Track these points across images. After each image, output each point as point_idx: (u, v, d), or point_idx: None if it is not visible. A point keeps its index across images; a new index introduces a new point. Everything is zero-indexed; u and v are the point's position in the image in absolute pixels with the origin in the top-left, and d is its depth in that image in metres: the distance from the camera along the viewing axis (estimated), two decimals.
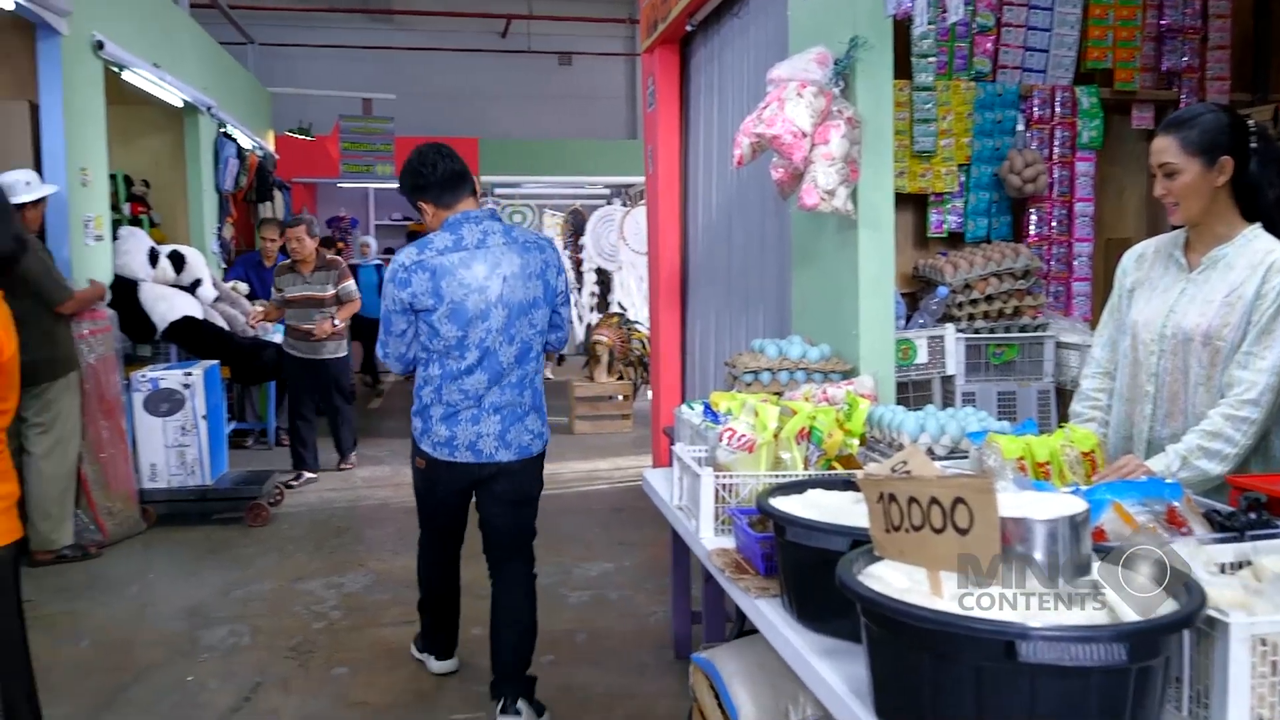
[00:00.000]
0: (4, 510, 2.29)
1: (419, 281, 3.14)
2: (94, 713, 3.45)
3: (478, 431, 3.25)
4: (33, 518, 5.09)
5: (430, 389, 3.26)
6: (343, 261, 6.91)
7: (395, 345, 3.28)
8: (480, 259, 3.17)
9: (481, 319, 3.16)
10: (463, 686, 3.65)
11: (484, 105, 15.60)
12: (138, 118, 8.49)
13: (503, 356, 3.22)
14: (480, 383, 3.22)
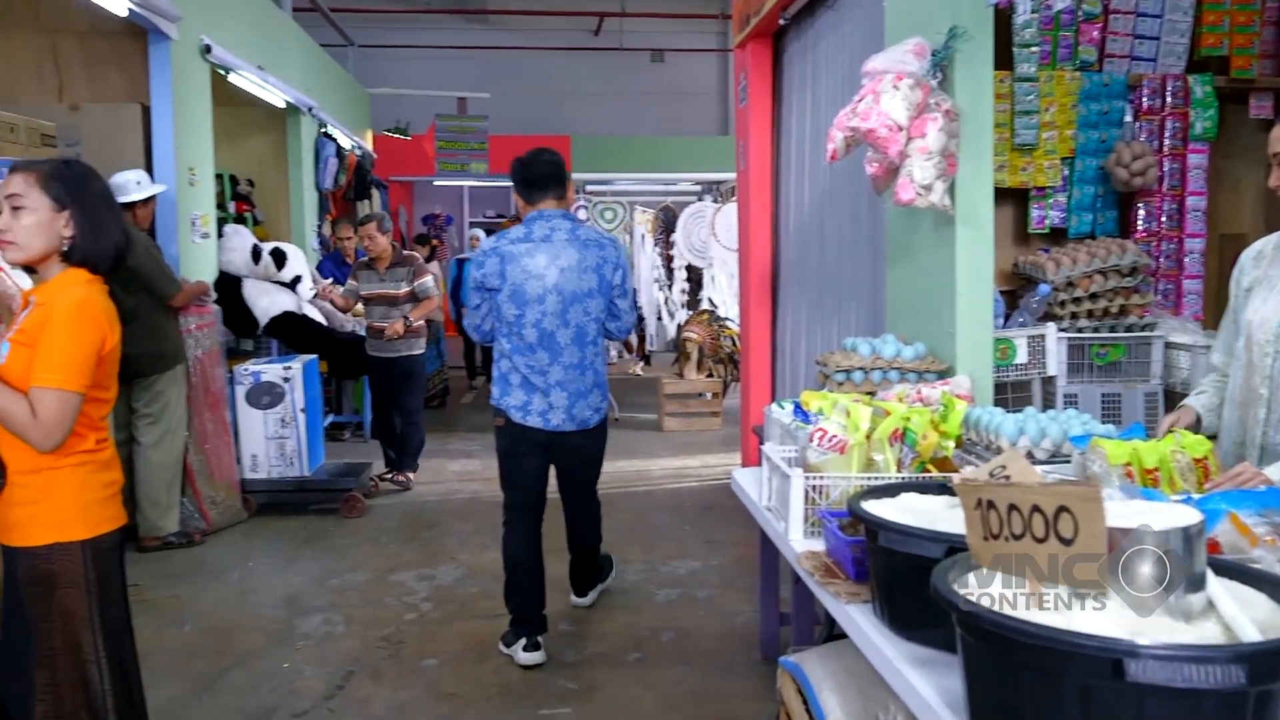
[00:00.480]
0: (109, 498, 2.35)
1: (490, 264, 3.72)
2: (196, 696, 3.55)
3: (548, 403, 3.78)
4: (141, 505, 5.29)
5: (505, 361, 3.81)
6: (419, 258, 6.71)
7: (472, 317, 3.87)
8: (543, 251, 3.70)
9: (538, 302, 3.69)
10: (550, 681, 3.67)
11: (576, 103, 15.71)
12: (243, 119, 8.75)
13: (560, 338, 3.74)
14: (543, 360, 3.75)
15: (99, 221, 2.33)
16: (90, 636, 2.31)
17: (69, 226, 2.29)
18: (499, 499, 4.15)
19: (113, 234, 2.35)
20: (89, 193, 2.33)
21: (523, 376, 3.76)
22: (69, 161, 2.37)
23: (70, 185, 2.30)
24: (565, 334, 3.73)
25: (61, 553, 2.26)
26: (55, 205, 2.27)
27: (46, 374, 2.18)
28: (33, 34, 6.09)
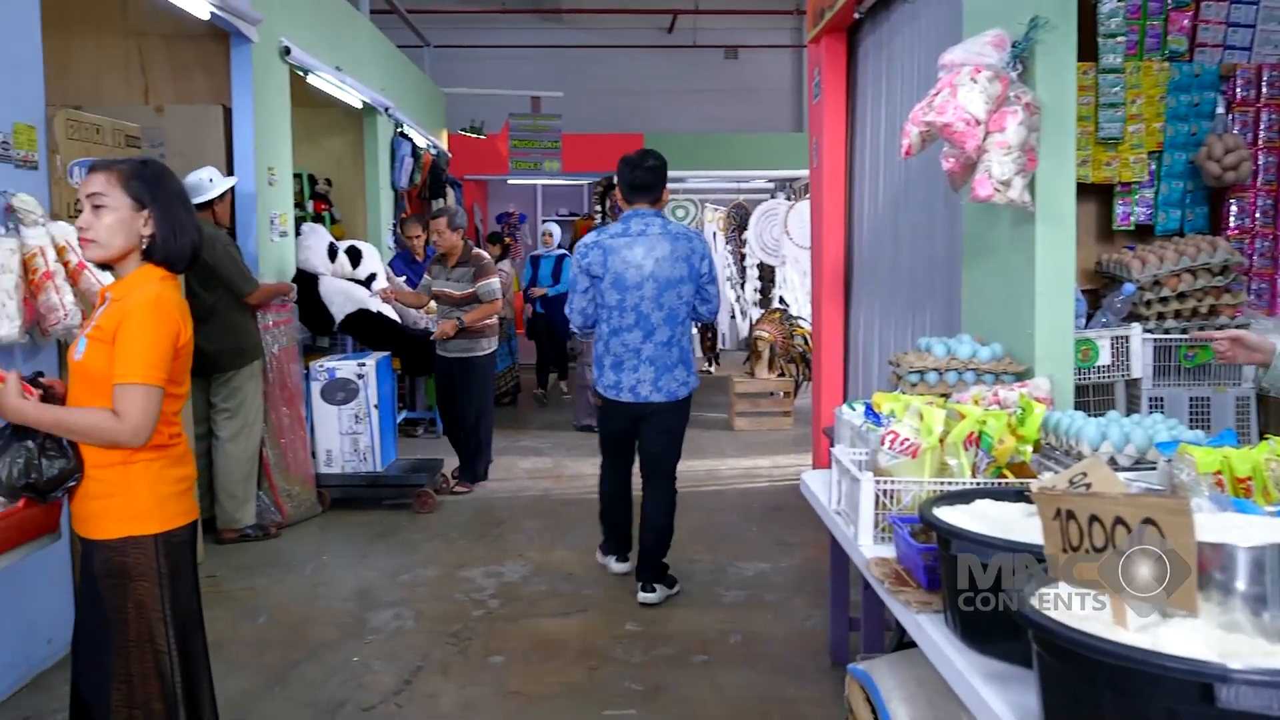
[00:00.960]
0: (182, 492, 2.39)
1: (594, 256, 4.34)
2: (268, 687, 3.61)
3: (637, 378, 4.36)
4: (219, 498, 5.41)
5: (602, 344, 4.43)
6: (487, 258, 6.45)
7: (578, 302, 4.44)
8: (639, 244, 4.30)
9: (636, 288, 4.29)
10: (615, 681, 3.64)
11: (649, 100, 15.70)
12: (321, 119, 8.92)
13: (653, 319, 4.32)
14: (637, 338, 4.34)
15: (177, 220, 2.36)
16: (162, 628, 2.35)
17: (148, 225, 2.33)
18: (568, 497, 4.87)
19: (190, 232, 2.39)
20: (167, 192, 2.37)
21: (615, 358, 4.39)
22: (147, 161, 2.42)
23: (149, 184, 2.34)
24: (658, 315, 4.32)
25: (135, 546, 2.31)
26: (135, 204, 2.31)
27: (128, 370, 2.22)
28: (120, 37, 6.26)
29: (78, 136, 3.90)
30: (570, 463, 7.44)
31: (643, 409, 4.40)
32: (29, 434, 2.30)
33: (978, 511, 1.85)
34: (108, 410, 2.24)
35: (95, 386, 2.28)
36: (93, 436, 2.26)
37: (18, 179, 3.55)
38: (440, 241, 6.30)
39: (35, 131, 3.68)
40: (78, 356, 2.31)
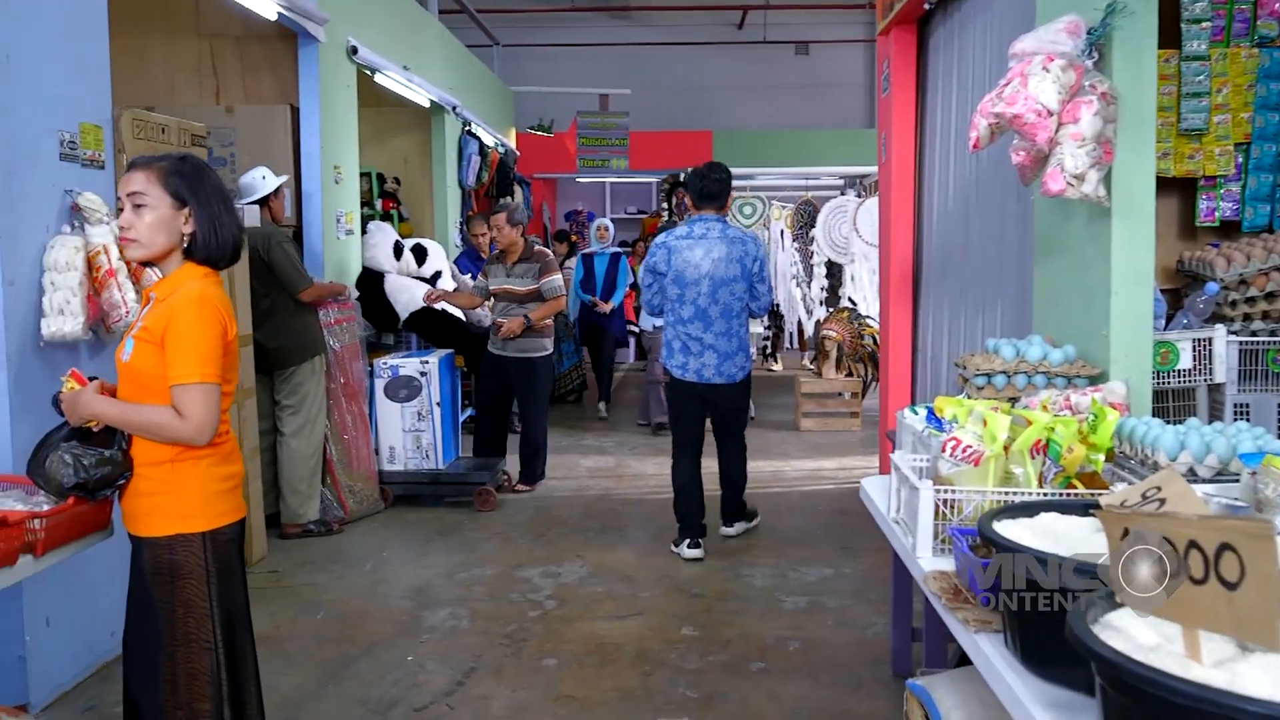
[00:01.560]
0: (230, 490, 2.38)
1: (660, 255, 5.00)
2: (322, 683, 3.61)
3: (701, 363, 5.00)
4: (284, 493, 5.46)
5: (670, 330, 5.08)
6: (549, 255, 6.37)
7: (647, 294, 5.10)
8: (700, 246, 4.92)
9: (694, 285, 4.92)
10: (669, 688, 3.57)
11: (718, 97, 15.59)
12: (390, 118, 9.00)
13: (711, 313, 4.94)
14: (698, 329, 4.96)
15: (217, 216, 2.35)
16: (209, 625, 2.34)
17: (189, 223, 2.32)
18: (630, 497, 5.08)
19: (230, 228, 2.37)
20: (206, 187, 2.35)
21: (682, 343, 5.02)
22: (185, 156, 2.41)
23: (189, 181, 2.33)
24: (715, 309, 4.93)
25: (183, 543, 2.30)
26: (175, 202, 2.30)
27: (185, 371, 2.21)
28: (193, 39, 6.36)
29: (144, 136, 3.95)
30: (633, 462, 7.38)
31: (706, 389, 5.02)
32: (77, 435, 2.31)
33: (1042, 526, 1.74)
34: (169, 408, 2.23)
35: (144, 386, 2.28)
36: (157, 433, 2.26)
37: (84, 178, 3.60)
38: (500, 238, 6.20)
39: (102, 131, 3.73)
40: (125, 357, 2.31)
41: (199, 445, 2.25)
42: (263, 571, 4.87)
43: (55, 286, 3.37)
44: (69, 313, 3.36)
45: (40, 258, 3.37)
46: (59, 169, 3.48)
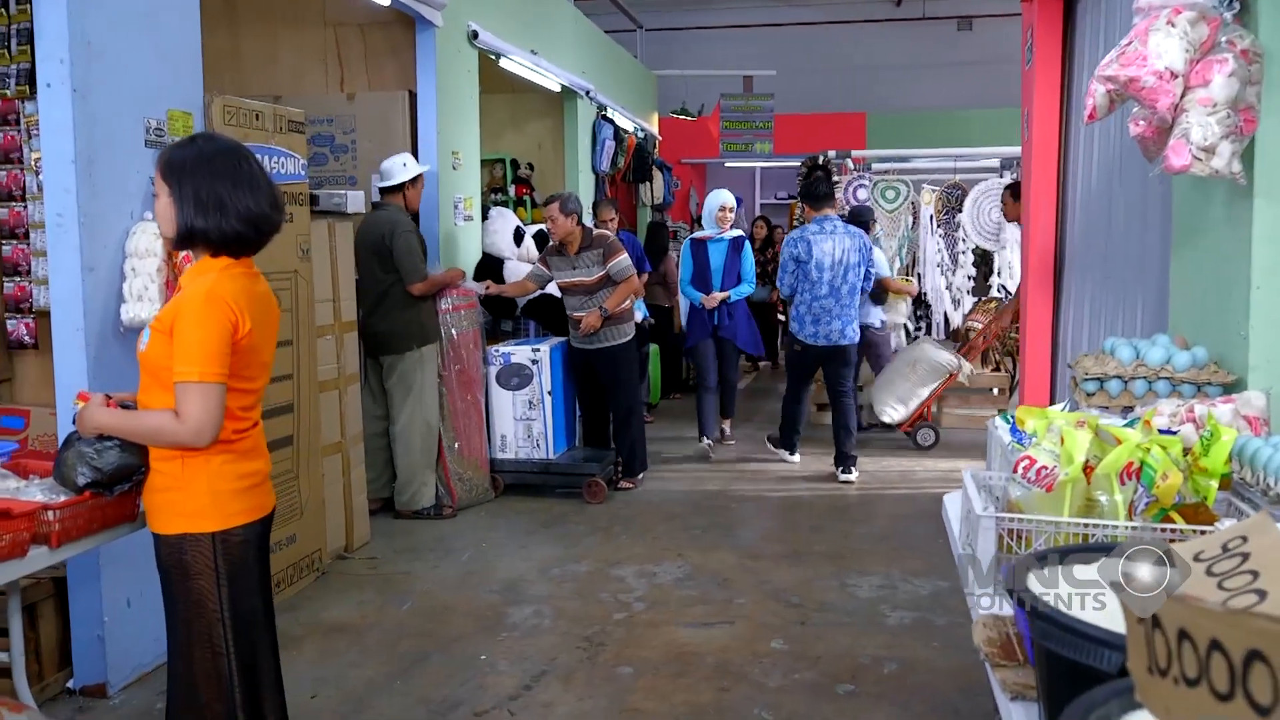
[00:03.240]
0: (246, 489, 2.28)
1: (801, 247, 6.37)
2: (390, 680, 3.54)
3: (830, 329, 6.39)
4: (399, 479, 5.48)
5: (804, 305, 6.41)
6: (610, 236, 6.08)
7: (786, 279, 6.44)
8: (829, 239, 6.37)
9: (829, 270, 6.33)
10: (744, 707, 3.32)
11: (872, 77, 14.97)
12: (524, 104, 8.97)
13: (841, 291, 6.37)
14: (830, 304, 6.36)
15: (212, 200, 2.19)
16: (220, 629, 2.25)
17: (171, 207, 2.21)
18: (745, 494, 5.79)
19: (228, 213, 2.19)
20: (198, 171, 2.20)
21: (814, 316, 6.38)
22: (194, 138, 2.31)
23: (176, 167, 2.20)
24: (844, 288, 6.37)
25: (192, 543, 2.22)
26: (169, 188, 2.21)
27: (185, 368, 2.12)
28: (319, 28, 6.44)
29: (236, 122, 3.95)
30: (755, 457, 7.11)
31: (830, 350, 6.43)
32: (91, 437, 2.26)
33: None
34: (170, 412, 2.15)
35: (156, 377, 2.20)
36: (158, 439, 2.19)
37: None
38: (555, 229, 5.90)
39: (191, 118, 3.74)
40: (141, 347, 2.24)
41: (198, 447, 2.15)
42: (362, 558, 4.87)
43: (135, 272, 3.39)
44: (147, 298, 3.37)
45: (122, 244, 3.40)
46: (144, 156, 3.50)
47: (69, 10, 3.19)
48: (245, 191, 2.22)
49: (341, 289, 4.86)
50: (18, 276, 3.54)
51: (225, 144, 2.29)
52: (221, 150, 2.25)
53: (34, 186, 3.51)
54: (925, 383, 7.24)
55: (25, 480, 2.42)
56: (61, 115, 3.22)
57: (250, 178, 2.24)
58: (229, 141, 2.33)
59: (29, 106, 3.48)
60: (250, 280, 2.28)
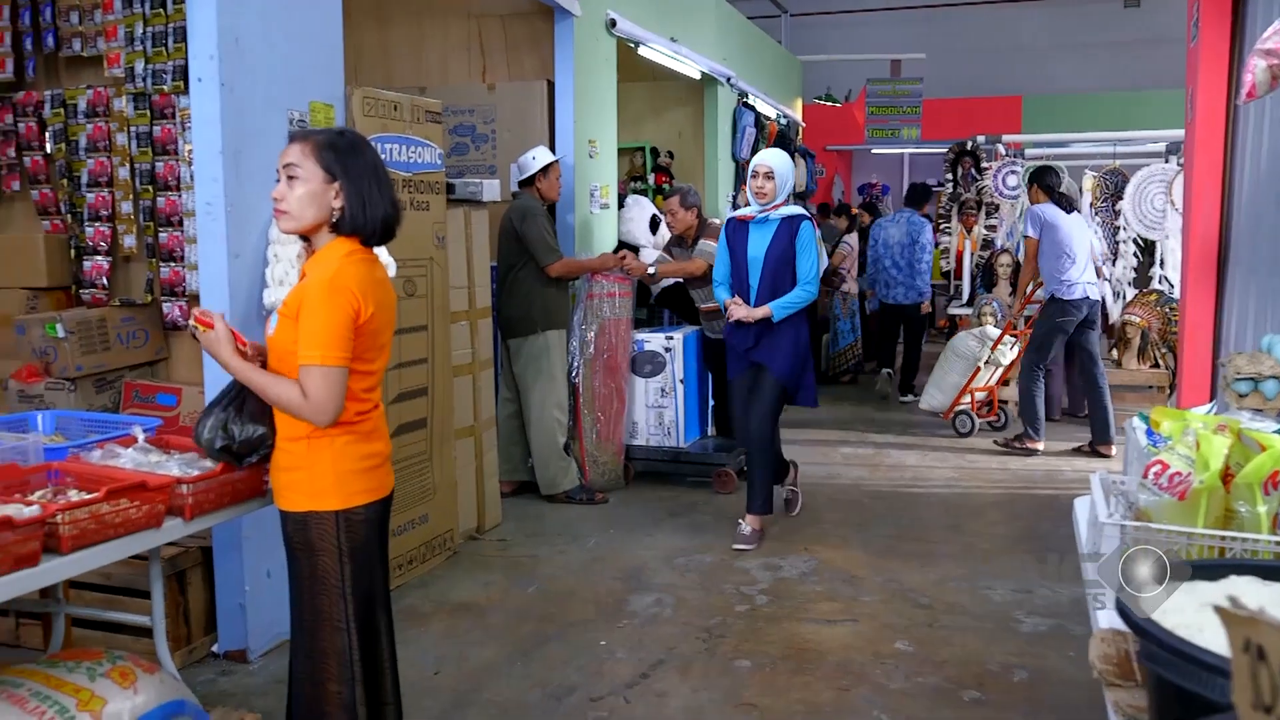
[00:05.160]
0: (369, 469, 2.35)
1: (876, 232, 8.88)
2: (510, 662, 3.59)
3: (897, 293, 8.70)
4: (535, 463, 5.58)
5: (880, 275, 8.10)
6: (716, 222, 5.79)
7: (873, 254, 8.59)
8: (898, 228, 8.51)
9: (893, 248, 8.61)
10: (863, 708, 3.24)
11: (1029, 59, 14.36)
12: (664, 92, 8.97)
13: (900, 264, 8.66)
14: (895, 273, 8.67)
15: (368, 193, 2.30)
16: (341, 605, 2.33)
17: (338, 197, 2.28)
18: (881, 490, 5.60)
19: (380, 206, 2.32)
20: (359, 163, 2.31)
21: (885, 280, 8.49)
22: (343, 131, 2.38)
23: (342, 155, 2.29)
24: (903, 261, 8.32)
25: (316, 521, 2.30)
26: (326, 175, 2.28)
27: (308, 351, 2.20)
28: (463, 20, 6.59)
29: (374, 113, 4.07)
30: (894, 452, 6.93)
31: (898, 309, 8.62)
32: (230, 402, 2.36)
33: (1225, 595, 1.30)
34: (299, 386, 2.23)
35: (282, 360, 2.29)
36: (285, 407, 2.27)
37: None
38: (676, 223, 5.83)
39: (332, 110, 3.88)
40: (269, 331, 2.33)
41: (320, 425, 2.22)
42: (492, 539, 4.97)
43: (277, 258, 3.54)
44: (288, 283, 3.51)
45: (265, 231, 3.55)
46: None
47: (218, 8, 3.35)
48: (384, 188, 2.31)
49: (476, 276, 4.96)
50: (173, 262, 3.74)
51: (362, 137, 2.38)
52: (366, 147, 2.35)
53: (187, 177, 3.70)
54: (959, 371, 7.42)
55: (166, 455, 2.55)
56: (211, 108, 3.38)
57: (384, 175, 2.34)
58: (362, 136, 2.41)
59: (183, 100, 3.66)
60: (369, 266, 2.34)
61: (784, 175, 4.74)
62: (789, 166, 4.78)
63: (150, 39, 3.66)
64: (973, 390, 7.34)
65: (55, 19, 3.88)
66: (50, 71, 4.08)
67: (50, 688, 2.10)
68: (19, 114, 4.00)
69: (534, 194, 5.48)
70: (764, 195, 4.72)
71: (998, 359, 7.38)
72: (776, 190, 4.72)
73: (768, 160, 4.76)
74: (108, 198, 3.82)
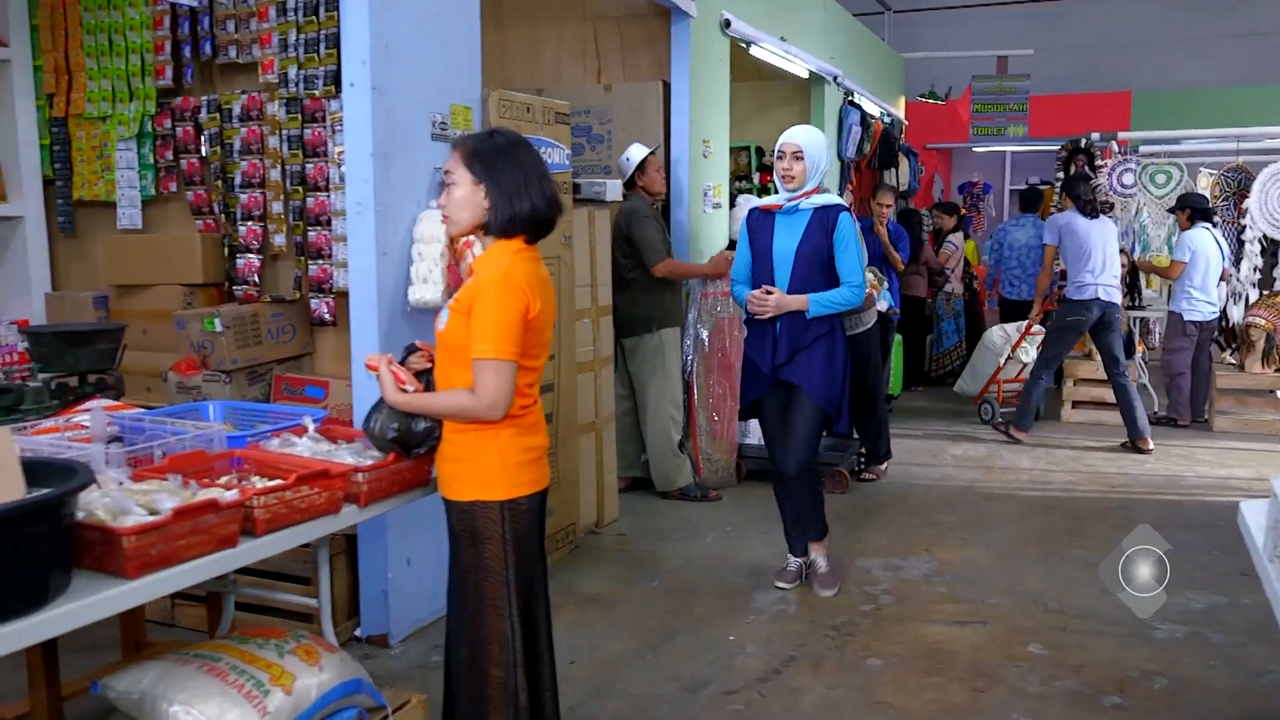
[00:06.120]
0: (531, 461, 2.43)
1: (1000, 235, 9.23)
2: (641, 654, 3.66)
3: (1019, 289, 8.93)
4: (650, 460, 5.65)
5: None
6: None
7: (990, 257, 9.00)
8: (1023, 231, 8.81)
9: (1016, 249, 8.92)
10: (1000, 710, 3.22)
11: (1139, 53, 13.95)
12: (771, 92, 8.98)
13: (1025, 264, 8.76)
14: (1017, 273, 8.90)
15: (513, 191, 2.35)
16: (504, 591, 2.41)
17: (486, 199, 2.37)
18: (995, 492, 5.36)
19: (527, 201, 2.36)
20: (505, 163, 2.36)
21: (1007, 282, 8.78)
22: (494, 132, 2.45)
23: (485, 157, 2.36)
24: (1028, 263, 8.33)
25: (483, 510, 2.38)
26: (474, 180, 2.36)
27: (481, 346, 2.28)
28: (579, 23, 6.70)
29: (509, 115, 4.18)
30: (1007, 453, 6.84)
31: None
32: None
33: None
34: (466, 390, 2.31)
35: (454, 355, 2.38)
36: (457, 416, 2.37)
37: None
38: None
39: (471, 112, 3.99)
40: (440, 327, 2.42)
41: (492, 420, 2.31)
42: (611, 534, 5.06)
43: (421, 257, 3.66)
44: (431, 281, 3.63)
45: (410, 230, 3.68)
46: (429, 148, 3.76)
47: (371, 15, 3.48)
48: (536, 183, 2.37)
49: (598, 274, 5.05)
50: (321, 260, 3.90)
51: (517, 137, 2.45)
52: (516, 146, 2.41)
53: (336, 178, 3.85)
54: (989, 363, 8.13)
55: (334, 444, 2.67)
56: (362, 112, 3.51)
57: (534, 172, 2.39)
58: (518, 135, 2.48)
59: (333, 104, 3.81)
60: (535, 264, 2.42)
61: (815, 155, 4.05)
62: (822, 145, 4.11)
63: (303, 45, 3.82)
64: (999, 381, 7.94)
65: (212, 28, 4.06)
66: (205, 78, 4.27)
67: (245, 662, 2.22)
68: (177, 119, 4.21)
69: (639, 194, 5.54)
70: (792, 179, 4.04)
71: (1019, 357, 7.95)
72: (806, 173, 4.05)
73: (796, 138, 4.07)
74: (260, 198, 4.00)
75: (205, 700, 2.11)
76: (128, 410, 2.86)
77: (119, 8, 4.24)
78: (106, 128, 4.37)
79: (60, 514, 1.80)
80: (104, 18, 4.28)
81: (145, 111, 4.27)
